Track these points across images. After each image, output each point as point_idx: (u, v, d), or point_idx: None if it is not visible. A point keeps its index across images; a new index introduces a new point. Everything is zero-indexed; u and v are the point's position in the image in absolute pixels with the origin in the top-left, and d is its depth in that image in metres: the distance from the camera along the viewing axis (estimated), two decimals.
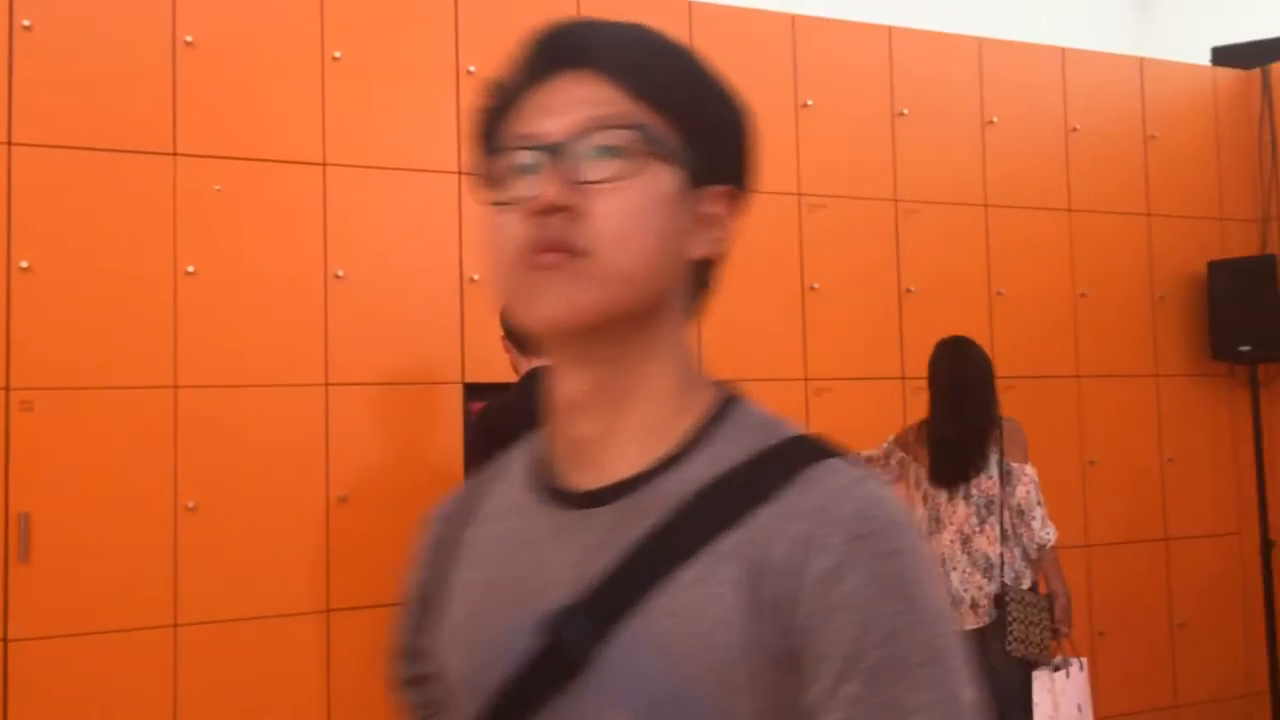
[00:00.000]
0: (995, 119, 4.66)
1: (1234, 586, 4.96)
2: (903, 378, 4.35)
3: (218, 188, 3.43)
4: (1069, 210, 4.79)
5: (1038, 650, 3.33)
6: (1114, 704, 4.65)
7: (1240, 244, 5.12)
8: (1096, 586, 4.62)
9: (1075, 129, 4.83)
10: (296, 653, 3.41)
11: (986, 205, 4.62)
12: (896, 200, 4.45)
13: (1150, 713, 4.72)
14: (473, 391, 3.67)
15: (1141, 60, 5.04)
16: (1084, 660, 3.49)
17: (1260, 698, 4.88)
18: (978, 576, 3.40)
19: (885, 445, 3.84)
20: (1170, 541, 4.85)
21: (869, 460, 3.85)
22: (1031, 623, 3.33)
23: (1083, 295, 4.77)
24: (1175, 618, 4.82)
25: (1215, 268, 4.93)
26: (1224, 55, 5.35)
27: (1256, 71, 5.22)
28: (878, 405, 4.29)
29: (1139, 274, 4.93)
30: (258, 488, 3.39)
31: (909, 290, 4.42)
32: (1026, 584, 3.41)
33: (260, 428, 3.42)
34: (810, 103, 4.29)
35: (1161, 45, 6.67)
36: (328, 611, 3.45)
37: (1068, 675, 3.38)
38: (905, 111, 4.48)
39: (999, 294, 4.60)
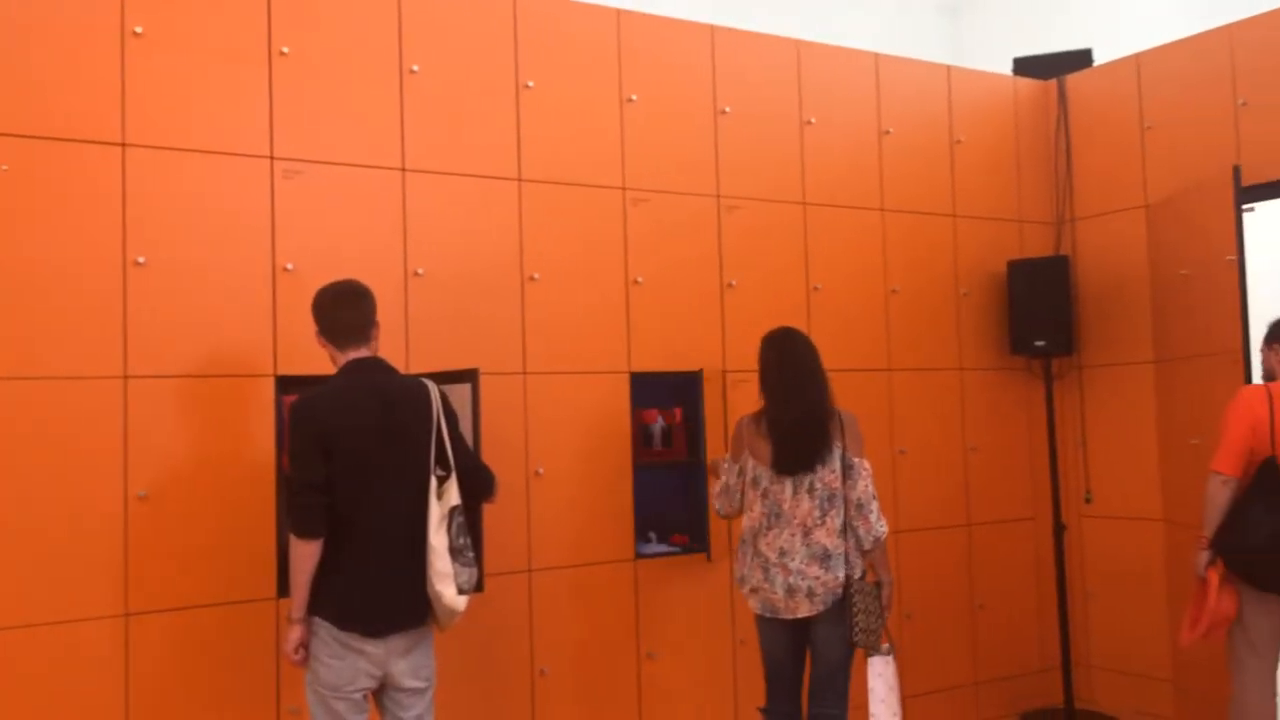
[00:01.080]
0: (813, 119, 4.79)
1: (1029, 568, 5.26)
2: (723, 370, 4.44)
3: (4, 167, 3.21)
4: (881, 210, 4.98)
5: (876, 639, 3.47)
6: (921, 683, 4.88)
7: (1037, 245, 5.43)
8: (905, 572, 4.82)
9: (888, 132, 5.02)
10: (90, 661, 3.22)
11: (805, 203, 4.75)
12: (719, 196, 4.53)
13: (952, 690, 4.97)
14: (287, 384, 3.54)
15: (949, 68, 5.28)
16: (892, 645, 3.63)
17: (1053, 672, 5.19)
18: (815, 567, 3.45)
19: (726, 462, 3.76)
20: (972, 527, 5.11)
21: (722, 492, 3.74)
22: (870, 612, 3.45)
23: (894, 291, 4.96)
24: (976, 599, 5.08)
25: (1014, 267, 5.21)
26: (1024, 66, 5.66)
27: (1053, 82, 5.53)
28: (706, 395, 4.37)
29: (945, 272, 5.17)
30: (49, 485, 3.19)
31: (730, 284, 4.51)
32: (857, 574, 3.51)
33: (52, 422, 3.22)
34: (634, 98, 4.32)
35: (969, 55, 7.03)
36: (126, 616, 3.28)
37: (890, 659, 3.53)
38: (727, 110, 4.56)
39: (816, 289, 4.74)
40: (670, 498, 4.44)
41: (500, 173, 4.05)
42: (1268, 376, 3.88)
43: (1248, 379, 4.27)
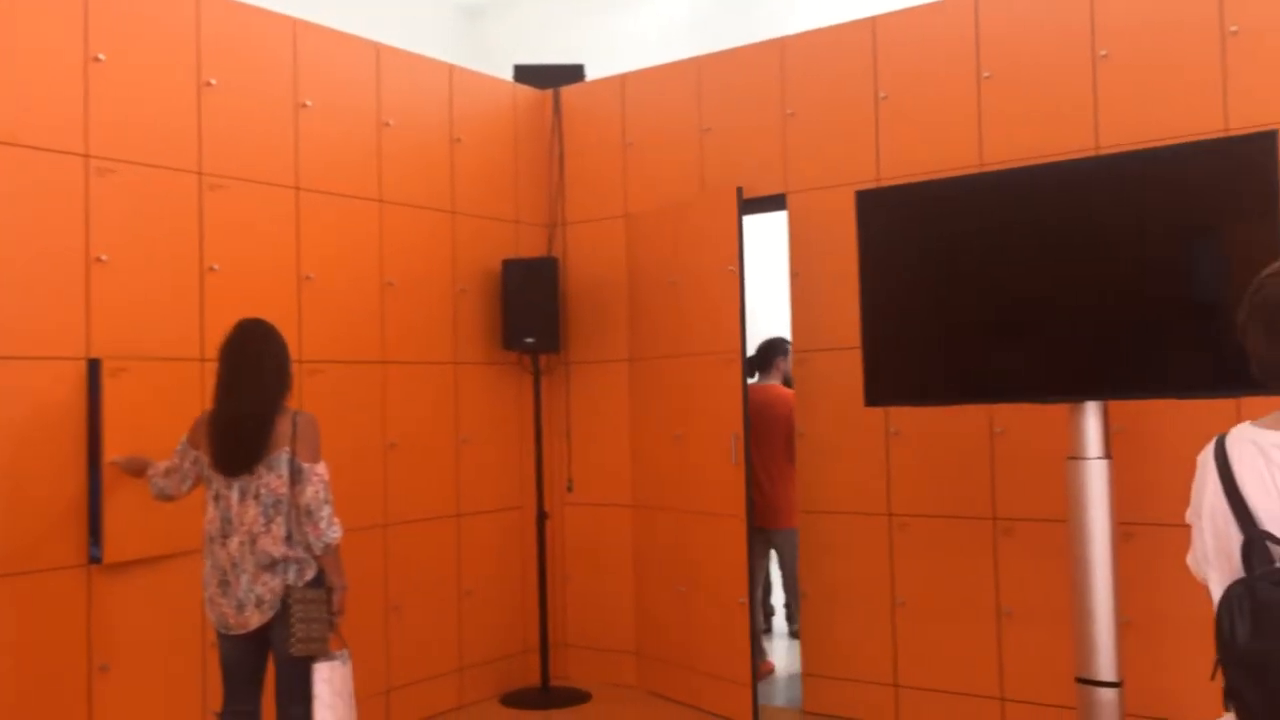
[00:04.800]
0: (309, 102, 4.65)
1: (516, 555, 5.50)
2: (202, 359, 4.17)
3: None
4: (380, 201, 4.95)
5: (319, 646, 3.42)
6: (407, 674, 4.91)
7: (530, 245, 5.68)
8: (393, 564, 4.85)
9: (388, 124, 5.00)
10: None
11: (298, 188, 4.60)
12: (201, 173, 4.25)
13: (438, 678, 5.06)
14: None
15: (451, 67, 5.37)
16: (348, 651, 3.55)
17: (532, 654, 5.46)
18: (264, 575, 3.39)
19: (180, 445, 3.61)
20: (462, 517, 5.24)
21: (166, 472, 3.62)
22: (313, 620, 3.40)
23: (390, 284, 4.95)
24: (463, 586, 5.22)
25: (509, 265, 5.41)
26: (525, 74, 5.90)
27: (550, 92, 5.82)
28: (178, 387, 4.08)
29: (443, 267, 5.25)
30: None
31: (212, 268, 4.25)
32: (309, 577, 3.45)
33: None
34: (102, 56, 3.93)
35: (485, 58, 7.18)
36: None
37: (342, 665, 3.47)
38: (213, 82, 4.29)
39: (308, 278, 4.61)
40: None
41: None
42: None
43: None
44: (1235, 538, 1.84)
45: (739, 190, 4.88)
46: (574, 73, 5.94)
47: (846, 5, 5.49)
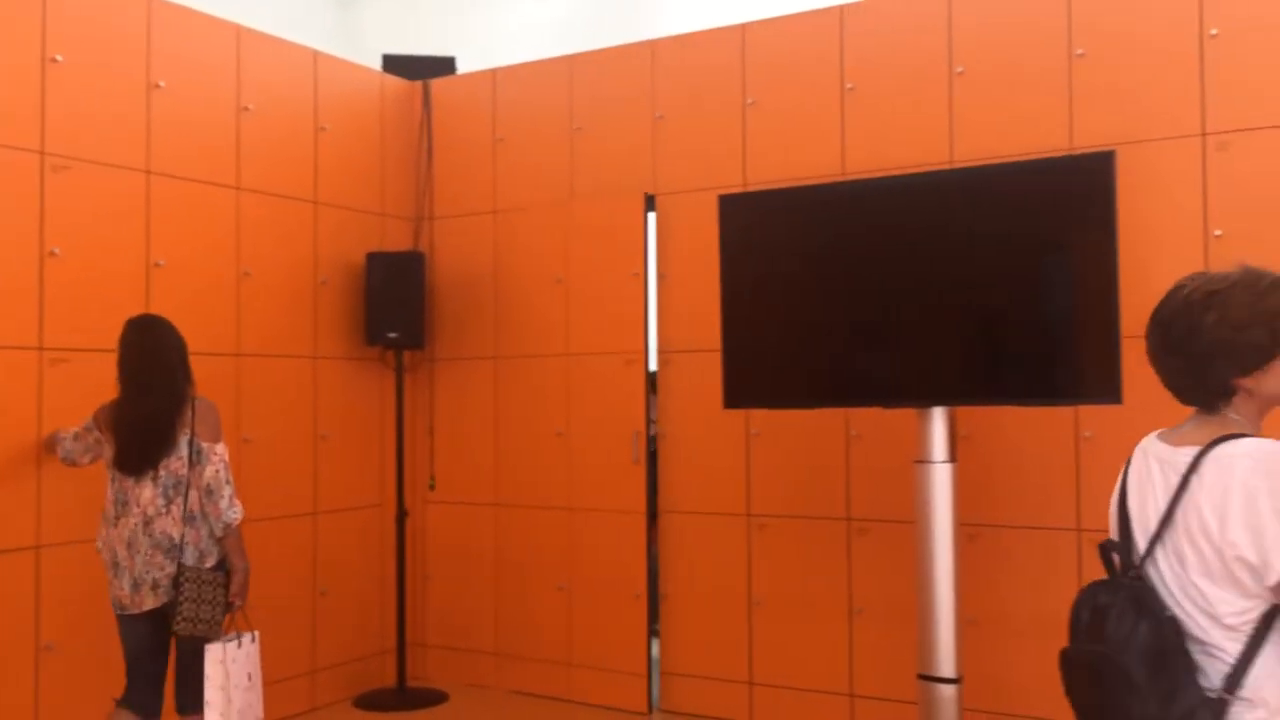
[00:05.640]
0: (163, 83, 4.48)
1: (374, 554, 5.39)
2: (40, 348, 3.98)
3: None
4: (237, 188, 4.79)
5: (207, 626, 3.42)
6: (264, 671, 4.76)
7: (397, 239, 5.59)
8: (252, 562, 4.69)
9: (248, 108, 4.84)
10: None
11: (149, 171, 4.42)
12: (44, 153, 4.05)
13: (289, 680, 4.92)
14: None
15: (316, 54, 5.23)
16: (256, 633, 3.61)
17: (389, 655, 5.37)
18: (159, 557, 3.41)
19: (87, 422, 3.68)
20: (319, 515, 5.11)
21: (75, 437, 3.73)
22: (203, 600, 3.41)
23: (246, 274, 4.80)
24: (319, 586, 5.09)
25: (373, 259, 5.30)
26: (394, 65, 5.79)
27: (419, 84, 5.73)
28: (11, 377, 3.89)
29: (304, 258, 5.11)
30: None
31: (52, 252, 4.05)
32: (211, 562, 3.47)
33: None
34: None
35: (356, 46, 7.02)
36: None
37: (239, 646, 3.50)
38: (59, 58, 4.09)
39: (158, 265, 4.44)
40: None
41: None
42: None
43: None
44: None
45: (649, 197, 5.01)
46: (445, 65, 5.86)
47: (719, 10, 5.54)
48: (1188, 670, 1.72)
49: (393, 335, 5.25)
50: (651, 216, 5.12)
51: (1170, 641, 1.73)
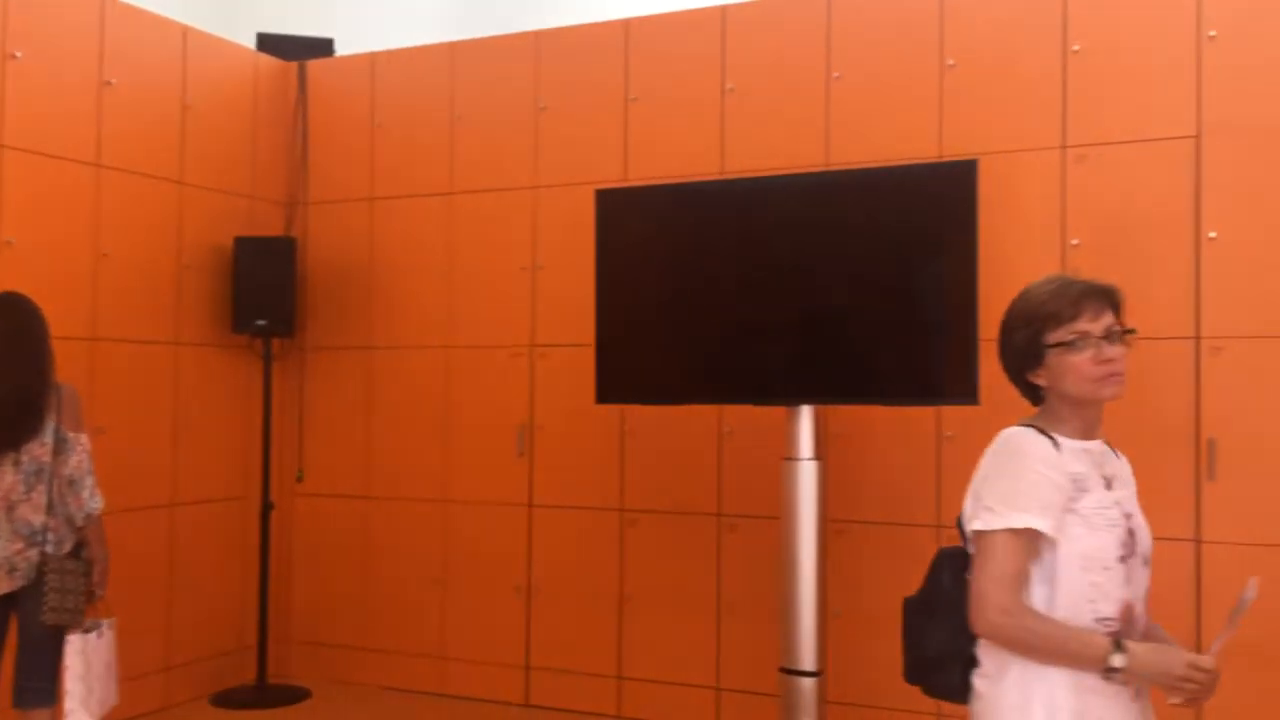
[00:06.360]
0: (19, 53, 4.26)
1: (236, 548, 5.23)
2: None
3: None
4: (97, 165, 4.60)
5: (71, 616, 3.37)
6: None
7: (267, 223, 5.43)
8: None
9: (110, 82, 4.64)
10: None
11: (2, 146, 4.21)
12: None
13: (142, 677, 4.74)
14: None
15: (186, 29, 5.04)
16: (114, 620, 3.56)
17: (250, 652, 5.21)
18: (19, 544, 3.33)
19: None
20: (177, 507, 4.94)
21: None
22: (67, 590, 3.37)
23: (105, 255, 4.61)
24: (176, 580, 4.92)
25: (241, 243, 5.14)
26: (269, 44, 5.62)
27: (295, 64, 5.58)
28: None
29: (168, 241, 4.93)
30: None
31: None
32: (66, 550, 3.41)
33: None
34: None
35: (232, 22, 6.78)
36: None
37: (99, 636, 3.46)
38: None
39: (9, 243, 4.23)
40: None
41: None
42: None
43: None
44: None
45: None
46: (323, 46, 5.71)
47: (605, 4, 5.52)
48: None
49: (261, 323, 5.10)
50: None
51: (952, 593, 2.05)
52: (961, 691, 2.06)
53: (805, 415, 3.79)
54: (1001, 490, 1.92)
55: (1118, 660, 1.81)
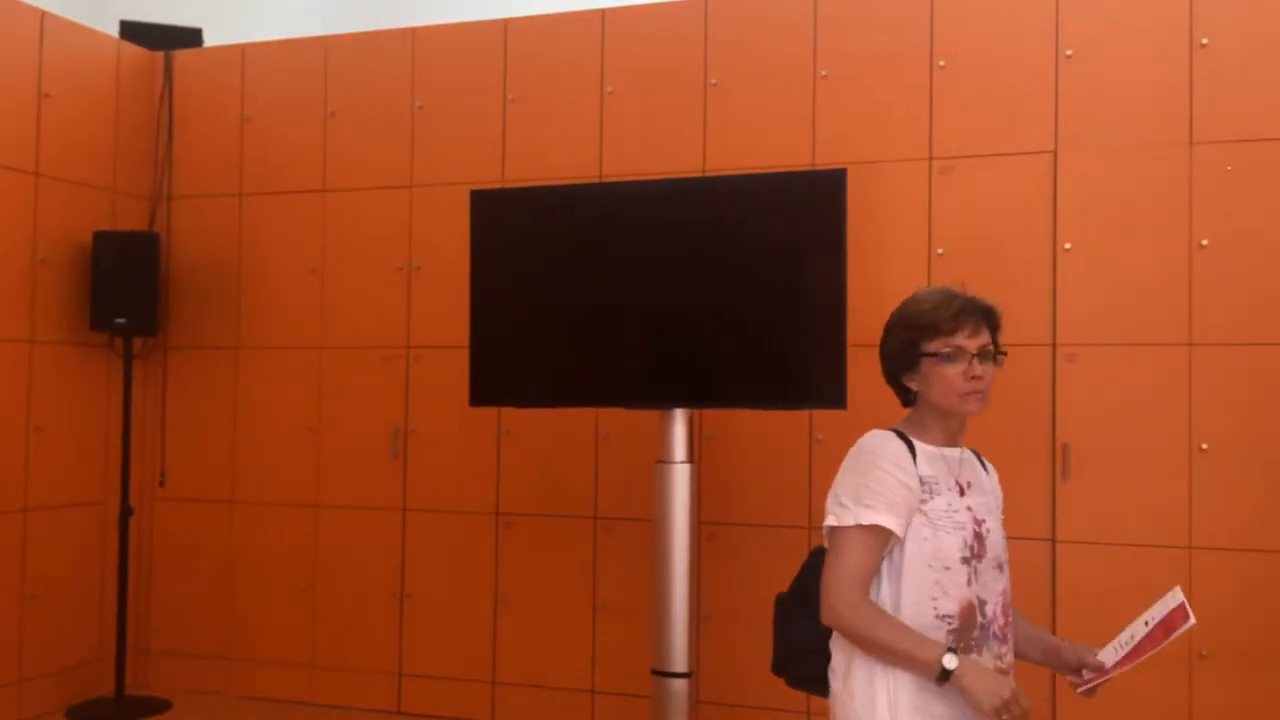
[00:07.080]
0: None
1: (94, 555, 5.02)
2: None
3: None
4: None
5: None
6: None
7: (130, 218, 5.23)
8: None
9: None
10: None
11: None
12: None
13: (1, 688, 4.53)
14: None
15: (44, 14, 4.83)
16: None
17: (108, 662, 5.01)
18: None
19: None
20: (29, 513, 4.72)
21: None
22: None
23: None
24: (27, 589, 4.70)
25: (101, 238, 4.94)
26: (133, 32, 5.41)
27: (161, 54, 5.39)
28: None
29: (21, 234, 4.71)
30: None
31: None
32: None
33: None
34: None
35: (98, 9, 6.52)
36: None
37: None
38: None
39: None
40: None
41: None
42: None
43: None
44: None
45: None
46: (190, 36, 5.52)
47: (483, 3, 5.47)
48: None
49: (121, 321, 4.90)
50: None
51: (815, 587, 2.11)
52: (819, 683, 2.14)
53: (678, 419, 3.83)
54: (853, 488, 2.01)
55: (950, 662, 1.87)
